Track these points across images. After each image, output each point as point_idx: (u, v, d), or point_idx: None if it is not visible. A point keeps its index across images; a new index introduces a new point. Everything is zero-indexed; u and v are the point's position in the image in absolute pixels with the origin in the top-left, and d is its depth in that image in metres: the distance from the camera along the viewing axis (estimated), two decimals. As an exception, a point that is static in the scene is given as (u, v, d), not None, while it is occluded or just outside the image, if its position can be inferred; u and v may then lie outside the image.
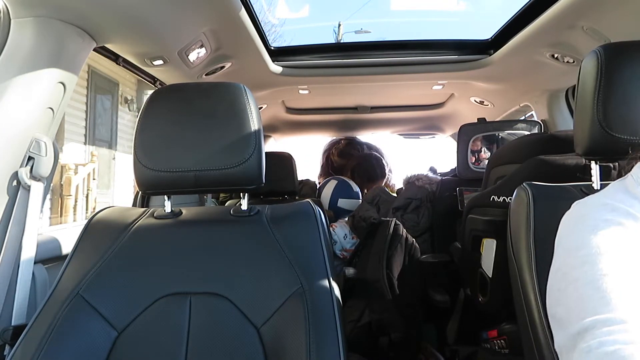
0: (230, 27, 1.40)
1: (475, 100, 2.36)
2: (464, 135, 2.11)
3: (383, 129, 3.15)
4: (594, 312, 0.45)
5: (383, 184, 2.63)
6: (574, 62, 1.57)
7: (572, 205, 0.62)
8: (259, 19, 1.53)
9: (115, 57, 1.32)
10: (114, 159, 7.60)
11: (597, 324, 0.44)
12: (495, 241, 1.22)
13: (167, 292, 0.81)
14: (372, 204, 2.25)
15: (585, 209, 0.58)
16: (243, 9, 1.32)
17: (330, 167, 2.91)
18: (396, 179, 2.77)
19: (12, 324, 0.91)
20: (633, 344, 0.42)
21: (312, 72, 1.96)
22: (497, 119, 2.45)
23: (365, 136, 3.15)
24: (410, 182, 2.27)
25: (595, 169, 0.85)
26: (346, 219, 2.18)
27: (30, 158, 0.96)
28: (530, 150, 1.24)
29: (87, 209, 6.31)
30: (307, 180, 2.60)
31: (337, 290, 0.81)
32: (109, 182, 7.40)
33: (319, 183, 2.63)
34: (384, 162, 2.68)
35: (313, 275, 0.81)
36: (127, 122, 7.85)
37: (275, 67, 1.88)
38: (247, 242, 0.86)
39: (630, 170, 0.61)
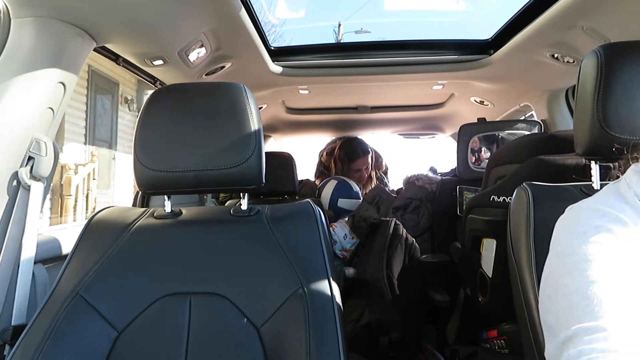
0: (230, 27, 1.40)
1: (475, 100, 2.36)
2: (464, 135, 2.11)
3: (383, 129, 3.15)
4: (579, 320, 0.46)
5: (370, 163, 2.63)
6: (574, 62, 1.57)
7: (566, 210, 0.62)
8: (259, 19, 1.53)
9: (115, 57, 1.32)
10: (114, 159, 7.60)
11: (580, 332, 0.45)
12: (495, 241, 1.22)
13: (167, 292, 0.81)
14: (372, 203, 2.25)
15: (577, 214, 0.59)
16: (243, 9, 1.32)
17: (322, 166, 2.91)
18: (396, 179, 2.77)
19: (12, 324, 0.90)
20: (610, 352, 0.42)
21: (312, 72, 1.96)
22: (497, 119, 2.45)
23: (365, 136, 3.15)
24: (410, 182, 2.27)
25: (595, 169, 0.85)
26: (346, 219, 2.18)
27: (30, 158, 0.96)
28: (530, 150, 1.23)
29: (87, 209, 6.31)
30: (307, 180, 2.60)
31: (337, 290, 0.81)
32: (109, 182, 7.40)
33: (317, 184, 2.63)
34: (365, 143, 2.68)
35: (313, 275, 0.80)
36: (127, 122, 7.85)
37: (275, 67, 1.88)
38: (247, 242, 0.86)
39: (625, 172, 0.61)
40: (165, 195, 0.93)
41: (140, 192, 1.76)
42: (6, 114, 0.92)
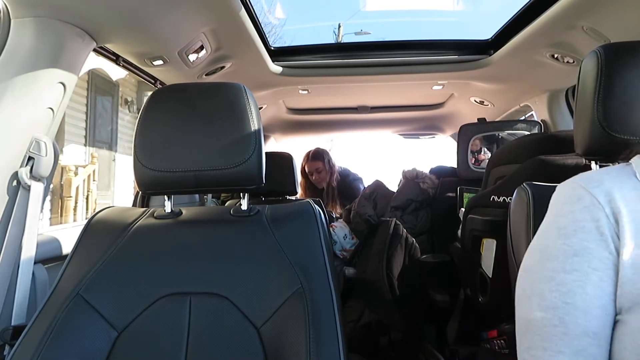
0: (230, 27, 1.40)
1: (475, 100, 2.37)
2: (464, 135, 2.11)
3: (383, 129, 3.16)
4: None
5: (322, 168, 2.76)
6: (574, 62, 1.57)
7: (566, 182, 0.66)
8: (259, 19, 1.53)
9: (115, 57, 1.32)
10: (114, 160, 7.60)
11: None
12: (495, 241, 1.22)
13: (167, 292, 0.81)
14: (370, 199, 2.25)
15: (564, 196, 0.65)
16: (243, 9, 1.32)
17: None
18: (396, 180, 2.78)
19: (12, 324, 0.90)
20: None
21: (312, 72, 1.97)
22: (497, 119, 2.45)
23: (365, 136, 3.17)
24: (408, 177, 2.27)
25: (595, 169, 0.85)
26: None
27: (30, 158, 0.96)
28: (530, 150, 1.23)
29: (87, 211, 6.31)
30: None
31: (337, 290, 0.81)
32: (109, 184, 7.40)
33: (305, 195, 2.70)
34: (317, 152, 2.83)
35: (313, 275, 0.80)
36: (127, 123, 7.85)
37: (275, 67, 1.88)
38: (247, 242, 0.86)
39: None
40: (165, 196, 0.93)
41: (140, 192, 1.76)
42: (6, 114, 0.92)
